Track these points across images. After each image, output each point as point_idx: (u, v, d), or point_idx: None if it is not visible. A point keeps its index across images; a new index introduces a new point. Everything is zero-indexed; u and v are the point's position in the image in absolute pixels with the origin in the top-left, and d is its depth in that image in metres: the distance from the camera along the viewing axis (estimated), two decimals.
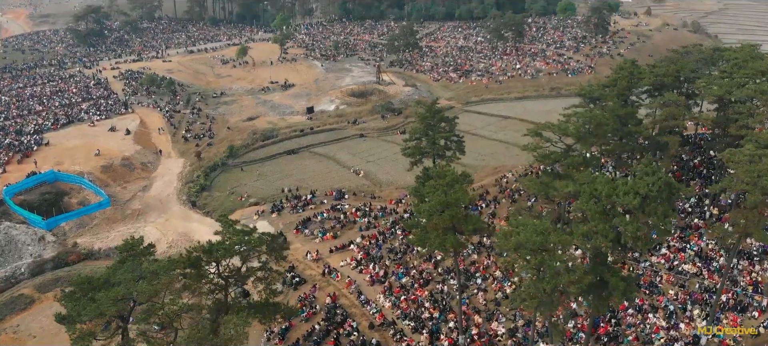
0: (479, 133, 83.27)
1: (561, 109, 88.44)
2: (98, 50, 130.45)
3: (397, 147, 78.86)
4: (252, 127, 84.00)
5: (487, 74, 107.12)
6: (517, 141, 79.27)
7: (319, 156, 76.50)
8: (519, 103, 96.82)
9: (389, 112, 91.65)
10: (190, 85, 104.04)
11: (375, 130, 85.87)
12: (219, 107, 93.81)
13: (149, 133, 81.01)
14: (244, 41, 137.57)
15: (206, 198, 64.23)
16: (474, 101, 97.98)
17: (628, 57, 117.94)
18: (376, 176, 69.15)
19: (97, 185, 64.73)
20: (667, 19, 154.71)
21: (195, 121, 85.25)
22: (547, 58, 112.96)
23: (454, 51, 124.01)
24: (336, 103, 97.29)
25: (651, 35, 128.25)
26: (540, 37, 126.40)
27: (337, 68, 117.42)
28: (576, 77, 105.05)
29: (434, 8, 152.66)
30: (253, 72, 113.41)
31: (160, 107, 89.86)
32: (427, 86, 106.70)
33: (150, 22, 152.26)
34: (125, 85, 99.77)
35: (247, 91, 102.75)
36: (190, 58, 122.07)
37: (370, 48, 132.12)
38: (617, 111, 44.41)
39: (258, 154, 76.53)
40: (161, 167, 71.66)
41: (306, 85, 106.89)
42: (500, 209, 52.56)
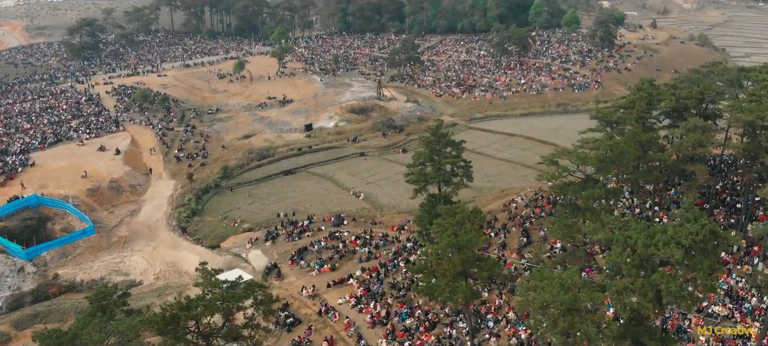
0: (484, 151, 79.94)
1: (572, 129, 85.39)
2: (92, 64, 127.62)
3: (398, 166, 75.59)
4: (248, 145, 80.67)
5: (490, 89, 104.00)
6: (524, 160, 76.24)
7: (318, 177, 73.13)
8: (524, 119, 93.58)
9: (390, 129, 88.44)
10: (185, 100, 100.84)
11: (376, 148, 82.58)
12: (214, 124, 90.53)
13: (140, 153, 77.64)
14: (242, 55, 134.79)
15: (197, 223, 60.73)
16: (478, 118, 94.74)
17: (635, 71, 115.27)
18: (376, 199, 65.74)
19: (82, 210, 61.27)
20: (673, 32, 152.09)
21: (188, 139, 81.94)
22: (552, 72, 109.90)
23: (457, 65, 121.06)
24: (335, 119, 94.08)
25: (658, 49, 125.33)
26: (544, 50, 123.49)
27: (336, 83, 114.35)
28: (583, 93, 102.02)
29: (436, 21, 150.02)
30: (250, 87, 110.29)
31: (152, 125, 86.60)
32: (429, 102, 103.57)
33: (146, 35, 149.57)
34: (118, 101, 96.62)
35: (244, 107, 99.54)
36: (186, 72, 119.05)
37: (371, 62, 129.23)
38: (638, 136, 41.03)
39: (253, 174, 73.14)
40: (151, 190, 68.22)
41: (304, 100, 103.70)
42: (510, 239, 49.02)
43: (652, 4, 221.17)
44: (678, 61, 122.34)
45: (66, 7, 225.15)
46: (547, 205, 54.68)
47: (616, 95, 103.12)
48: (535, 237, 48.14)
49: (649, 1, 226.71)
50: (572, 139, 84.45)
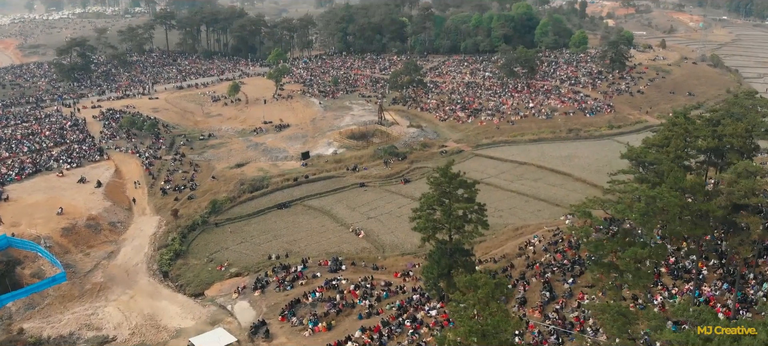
0: (493, 182, 74.52)
1: (585, 156, 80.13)
2: (82, 85, 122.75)
3: (401, 199, 70.29)
4: (240, 175, 75.24)
5: (497, 113, 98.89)
6: (537, 192, 70.74)
7: (314, 211, 67.59)
8: (534, 146, 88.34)
9: (392, 156, 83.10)
10: (175, 125, 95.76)
11: (377, 178, 77.15)
12: (205, 151, 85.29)
13: (123, 185, 72.23)
14: (238, 76, 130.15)
15: (180, 267, 55.05)
16: (485, 144, 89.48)
17: (648, 94, 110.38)
18: (378, 238, 60.20)
19: (55, 252, 55.61)
20: (682, 52, 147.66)
21: (176, 169, 76.57)
22: (561, 95, 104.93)
23: (461, 87, 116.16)
24: (334, 146, 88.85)
25: (670, 70, 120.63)
26: (552, 72, 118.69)
27: (335, 106, 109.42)
28: (595, 117, 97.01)
29: (438, 41, 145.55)
30: (245, 111, 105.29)
31: (139, 152, 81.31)
32: (432, 126, 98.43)
33: (140, 55, 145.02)
34: (104, 126, 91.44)
35: (238, 133, 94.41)
36: (178, 94, 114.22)
37: (372, 84, 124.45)
38: (680, 182, 35.56)
39: (244, 208, 67.58)
40: (133, 227, 62.63)
41: (302, 125, 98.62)
42: (531, 294, 43.35)
43: (657, 23, 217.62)
44: (691, 83, 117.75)
45: (61, 25, 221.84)
46: (569, 249, 49.11)
47: (629, 120, 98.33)
48: (559, 291, 42.48)
49: (654, 20, 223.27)
50: (587, 169, 79.68)
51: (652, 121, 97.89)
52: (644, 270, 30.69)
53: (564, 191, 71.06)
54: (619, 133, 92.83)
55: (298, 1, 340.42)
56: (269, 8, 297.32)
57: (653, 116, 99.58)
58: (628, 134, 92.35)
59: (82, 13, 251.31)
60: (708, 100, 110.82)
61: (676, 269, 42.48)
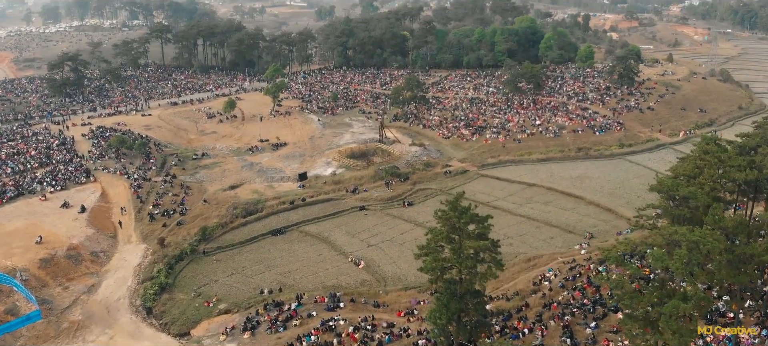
0: (500, 205, 70.48)
1: (597, 177, 76.00)
2: (74, 101, 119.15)
3: (403, 224, 66.26)
4: (233, 198, 71.22)
5: (503, 131, 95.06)
6: (548, 217, 66.57)
7: (311, 237, 63.50)
8: (543, 166, 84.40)
9: (394, 177, 79.10)
10: (168, 144, 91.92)
11: (378, 201, 73.11)
12: (198, 172, 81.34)
13: (109, 210, 68.18)
14: (235, 91, 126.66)
15: (165, 302, 50.83)
16: (490, 164, 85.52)
17: (658, 111, 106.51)
18: (379, 269, 56.08)
19: (31, 286, 51.37)
20: (691, 66, 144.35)
21: (166, 192, 72.55)
22: (569, 112, 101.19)
23: (464, 103, 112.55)
24: (333, 166, 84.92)
25: (680, 85, 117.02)
26: (558, 88, 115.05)
27: (335, 123, 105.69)
28: (604, 135, 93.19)
29: (440, 56, 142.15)
30: (241, 128, 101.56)
31: (128, 174, 77.31)
32: (436, 144, 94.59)
33: (134, 69, 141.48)
34: (93, 145, 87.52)
35: (233, 152, 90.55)
36: (172, 111, 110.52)
37: (372, 99, 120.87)
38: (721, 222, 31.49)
39: (237, 235, 63.44)
40: (116, 258, 58.49)
41: (300, 143, 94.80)
42: (549, 339, 39.08)
43: (662, 36, 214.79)
44: (702, 99, 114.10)
45: (57, 39, 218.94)
46: (588, 287, 44.94)
47: (640, 138, 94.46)
48: (580, 337, 38.26)
49: (658, 33, 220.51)
50: (600, 192, 75.44)
51: (664, 139, 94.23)
52: (687, 326, 26.60)
53: (576, 215, 67.05)
54: (631, 152, 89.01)
55: (298, 14, 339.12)
56: (269, 21, 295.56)
57: (665, 134, 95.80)
58: (640, 153, 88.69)
59: (79, 27, 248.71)
60: (720, 116, 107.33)
61: (708, 312, 38.30)
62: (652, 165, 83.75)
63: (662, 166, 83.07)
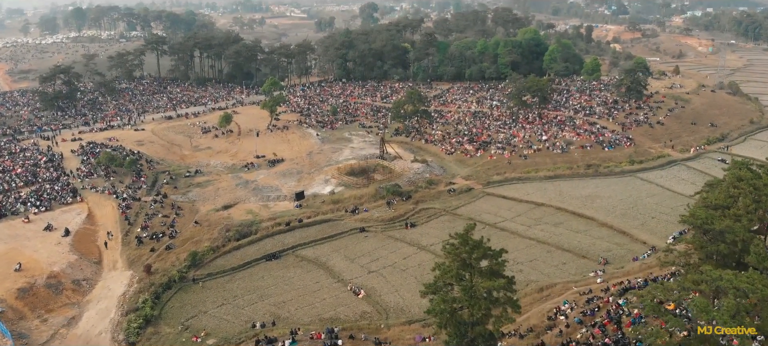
0: (508, 226, 66.85)
1: (608, 196, 72.65)
2: (67, 115, 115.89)
3: (406, 247, 62.58)
4: (226, 219, 67.62)
5: (508, 147, 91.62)
6: (560, 241, 62.76)
7: (308, 262, 59.73)
8: (551, 183, 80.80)
9: (395, 196, 75.55)
10: (160, 160, 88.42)
11: (379, 222, 69.44)
12: (190, 191, 77.78)
13: (94, 233, 64.49)
14: (232, 105, 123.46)
15: (150, 337, 46.99)
16: (496, 181, 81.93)
17: (668, 125, 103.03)
18: (381, 299, 52.30)
19: (7, 318, 47.86)
20: (697, 78, 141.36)
21: (156, 213, 68.90)
22: (576, 127, 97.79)
23: (468, 117, 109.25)
24: (332, 183, 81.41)
25: (689, 99, 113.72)
26: (564, 102, 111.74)
27: (334, 138, 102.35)
28: (613, 151, 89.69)
29: (442, 68, 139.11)
30: (236, 143, 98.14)
31: (117, 193, 73.71)
32: (438, 160, 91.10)
33: (129, 82, 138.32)
34: (82, 162, 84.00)
35: (228, 169, 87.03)
36: (166, 125, 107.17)
37: (373, 113, 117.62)
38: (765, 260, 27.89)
39: (229, 260, 59.70)
40: (100, 286, 54.72)
41: (297, 159, 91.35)
42: None
43: (666, 48, 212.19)
44: (712, 112, 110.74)
45: (54, 50, 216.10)
46: (608, 323, 41.18)
47: (651, 154, 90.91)
48: None
49: (662, 44, 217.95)
50: (612, 212, 71.37)
51: (675, 155, 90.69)
52: None
53: (589, 238, 63.38)
54: (642, 169, 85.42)
55: (298, 25, 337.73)
56: (268, 32, 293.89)
57: (676, 150, 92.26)
58: (652, 170, 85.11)
59: (76, 38, 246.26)
60: (731, 131, 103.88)
61: None
62: (665, 183, 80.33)
63: (676, 185, 79.83)
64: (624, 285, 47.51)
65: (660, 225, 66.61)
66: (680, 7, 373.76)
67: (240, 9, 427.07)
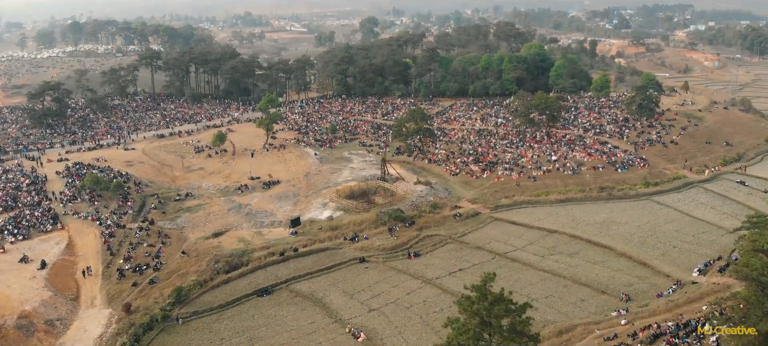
0: (520, 257, 62.12)
1: (625, 222, 68.99)
2: (56, 133, 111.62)
3: (410, 281, 57.81)
4: (216, 249, 62.88)
5: (516, 167, 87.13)
6: (576, 274, 57.90)
7: (303, 299, 54.95)
8: (563, 208, 76.16)
9: (398, 222, 70.88)
10: (149, 182, 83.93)
11: (380, 250, 64.73)
12: (179, 216, 73.14)
13: (73, 265, 59.76)
14: (227, 122, 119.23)
15: None
16: (505, 205, 77.29)
17: (682, 144, 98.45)
18: (383, 342, 47.43)
19: None
20: (709, 95, 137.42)
21: (141, 241, 64.20)
22: (587, 147, 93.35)
23: (472, 136, 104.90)
24: (330, 207, 76.79)
25: (702, 117, 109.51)
26: (573, 119, 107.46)
27: (333, 157, 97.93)
28: (627, 173, 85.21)
29: (445, 84, 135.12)
30: (230, 164, 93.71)
31: (100, 220, 69.03)
32: (443, 182, 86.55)
33: (122, 98, 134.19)
34: (66, 185, 79.44)
35: (220, 191, 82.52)
36: (158, 144, 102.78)
37: (373, 131, 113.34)
38: None
39: (217, 296, 54.92)
40: (75, 327, 49.89)
41: (294, 181, 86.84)
42: None
43: (671, 63, 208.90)
44: (727, 131, 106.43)
45: (49, 64, 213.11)
46: None
47: (666, 175, 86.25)
48: None
49: (667, 59, 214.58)
50: (630, 240, 65.74)
51: (692, 177, 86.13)
52: None
53: (608, 270, 58.63)
54: (657, 191, 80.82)
55: (297, 39, 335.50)
56: (268, 46, 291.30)
57: (692, 171, 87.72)
58: (668, 193, 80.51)
59: (72, 52, 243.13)
60: (747, 151, 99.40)
61: None
62: (683, 207, 75.68)
63: (694, 209, 75.13)
64: (653, 330, 42.81)
65: (682, 255, 61.93)
66: (682, 22, 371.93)
67: (240, 23, 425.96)
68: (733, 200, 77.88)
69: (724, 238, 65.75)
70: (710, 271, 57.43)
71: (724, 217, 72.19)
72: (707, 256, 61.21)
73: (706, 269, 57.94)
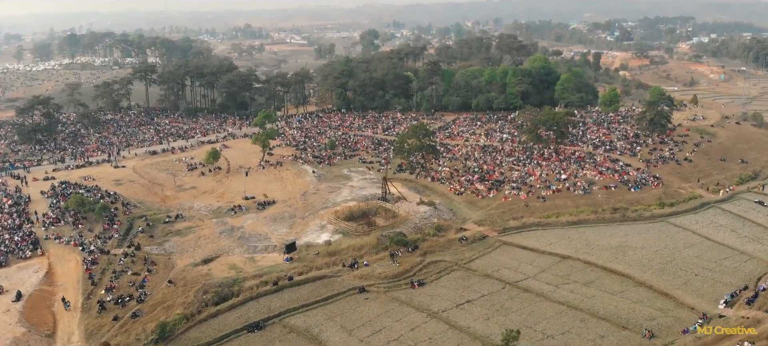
0: (532, 286, 57.78)
1: (641, 247, 63.36)
2: (45, 149, 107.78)
3: (414, 315, 53.53)
4: (205, 277, 58.65)
5: (524, 187, 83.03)
6: (594, 306, 53.15)
7: (297, 335, 50.55)
8: (575, 230, 71.90)
9: (400, 246, 66.64)
10: (138, 203, 79.77)
11: (381, 279, 60.39)
12: (168, 240, 68.89)
13: (52, 296, 55.49)
14: (223, 138, 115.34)
15: None
16: (513, 227, 73.01)
17: (696, 162, 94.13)
18: None
19: None
20: (716, 108, 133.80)
21: (126, 269, 59.93)
22: (597, 165, 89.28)
23: (477, 152, 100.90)
24: (328, 230, 72.60)
25: (714, 132, 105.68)
26: (581, 135, 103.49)
27: (332, 175, 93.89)
28: (640, 192, 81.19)
29: (447, 98, 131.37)
30: (224, 182, 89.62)
31: (83, 245, 64.81)
32: (447, 202, 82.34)
33: (114, 113, 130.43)
34: (50, 206, 75.33)
35: (212, 212, 78.33)
36: (149, 161, 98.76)
37: (374, 146, 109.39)
38: None
39: (204, 332, 50.53)
40: None
41: (290, 201, 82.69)
42: None
43: (676, 75, 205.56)
44: (741, 147, 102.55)
45: (44, 77, 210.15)
46: None
47: (681, 195, 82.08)
48: None
49: (672, 72, 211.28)
50: (649, 267, 60.31)
51: (708, 197, 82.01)
52: None
53: (627, 302, 54.27)
54: (673, 212, 76.71)
55: (297, 52, 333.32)
56: (268, 59, 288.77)
57: (708, 191, 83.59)
58: (684, 215, 76.40)
59: (69, 65, 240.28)
60: (764, 168, 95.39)
61: None
62: (702, 230, 71.50)
63: (714, 232, 70.81)
64: None
65: (706, 285, 57.68)
66: (684, 34, 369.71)
67: (240, 35, 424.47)
68: (753, 222, 73.89)
69: (748, 264, 61.98)
70: (737, 302, 53.23)
71: (746, 241, 68.22)
72: (732, 285, 57.09)
73: (733, 300, 53.81)
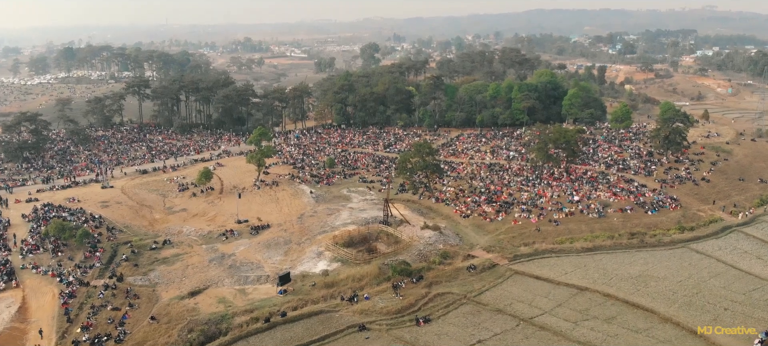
0: (549, 323, 52.84)
1: (663, 277, 57.57)
2: (33, 167, 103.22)
3: None
4: (191, 312, 53.77)
5: (534, 209, 78.28)
6: None
7: None
8: (591, 258, 66.95)
9: (404, 276, 61.71)
10: (124, 228, 74.98)
11: (383, 315, 55.35)
12: (154, 269, 64.02)
13: (24, 334, 50.56)
14: (217, 156, 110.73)
15: None
16: (525, 254, 68.03)
17: (714, 182, 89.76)
18: None
19: None
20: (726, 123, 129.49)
21: (105, 304, 55.04)
22: (611, 185, 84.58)
23: (482, 171, 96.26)
24: (326, 257, 67.76)
25: (730, 150, 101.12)
26: (592, 154, 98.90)
27: (330, 196, 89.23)
28: (658, 215, 76.40)
29: (450, 113, 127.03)
30: (216, 204, 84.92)
31: (61, 275, 59.93)
32: (453, 225, 77.64)
33: (106, 129, 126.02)
34: (30, 232, 70.54)
35: (202, 237, 73.56)
36: (139, 181, 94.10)
37: (375, 164, 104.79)
38: None
39: None
40: None
41: (286, 225, 77.94)
42: None
43: (683, 89, 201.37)
44: (759, 165, 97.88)
45: (38, 91, 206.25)
46: None
47: (701, 218, 77.19)
48: None
49: (678, 86, 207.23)
50: (674, 300, 54.43)
51: (729, 220, 77.13)
52: None
53: (653, 342, 49.29)
54: (694, 237, 71.79)
55: (297, 65, 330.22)
56: (267, 72, 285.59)
57: (728, 213, 78.79)
58: (706, 240, 71.48)
59: (64, 78, 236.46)
60: None
61: None
62: (726, 257, 66.54)
63: (740, 260, 65.83)
64: None
65: (737, 320, 52.58)
66: (687, 47, 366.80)
67: (240, 49, 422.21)
68: None
69: None
70: None
71: None
72: (765, 321, 52.09)
73: None
